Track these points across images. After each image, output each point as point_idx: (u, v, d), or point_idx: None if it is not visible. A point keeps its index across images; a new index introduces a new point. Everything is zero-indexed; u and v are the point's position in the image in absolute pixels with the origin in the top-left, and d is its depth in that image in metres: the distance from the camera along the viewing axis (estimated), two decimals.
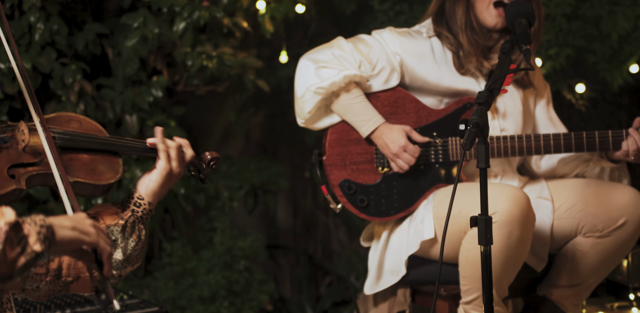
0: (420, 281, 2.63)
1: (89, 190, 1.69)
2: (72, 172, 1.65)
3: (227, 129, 3.89)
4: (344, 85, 2.55)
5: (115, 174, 1.72)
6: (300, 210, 4.05)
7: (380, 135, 2.58)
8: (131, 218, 1.74)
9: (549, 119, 2.77)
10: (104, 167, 1.71)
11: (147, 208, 1.76)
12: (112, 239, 1.71)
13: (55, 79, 3.10)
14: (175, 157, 1.76)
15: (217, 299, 3.34)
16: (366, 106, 2.58)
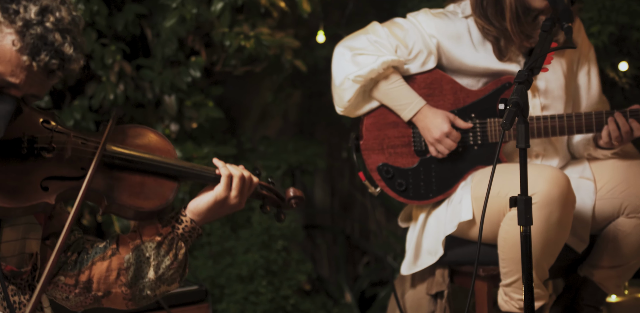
0: (458, 261, 2.63)
1: (130, 213, 1.61)
2: (112, 193, 1.57)
3: (265, 109, 3.90)
4: (382, 71, 2.54)
5: (163, 200, 1.62)
6: (337, 190, 4.06)
7: (423, 119, 2.56)
8: (170, 235, 1.66)
9: (588, 88, 2.70)
10: (152, 191, 1.62)
11: (189, 226, 1.67)
12: (145, 256, 1.64)
13: (96, 60, 3.12)
14: (236, 187, 1.68)
15: (256, 278, 3.37)
16: (406, 90, 2.56)
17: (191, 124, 3.34)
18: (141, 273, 1.66)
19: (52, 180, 1.50)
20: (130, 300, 1.70)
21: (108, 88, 3.13)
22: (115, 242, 1.67)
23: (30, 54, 1.47)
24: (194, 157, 3.27)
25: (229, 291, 3.35)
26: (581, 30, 2.69)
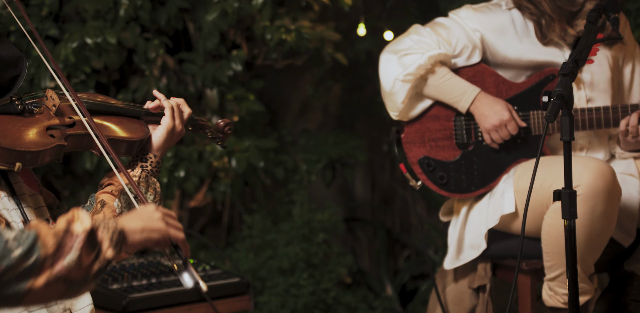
0: (501, 255, 2.61)
1: (124, 147, 1.79)
2: (104, 131, 1.75)
3: (305, 102, 3.91)
4: (430, 66, 2.52)
5: (144, 132, 1.82)
6: (378, 184, 4.05)
7: (480, 106, 2.53)
8: (143, 173, 1.81)
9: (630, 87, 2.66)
10: (131, 126, 1.82)
11: (154, 161, 1.83)
12: (133, 197, 1.76)
13: (139, 54, 3.16)
14: (177, 115, 1.85)
15: (297, 271, 3.39)
16: (458, 81, 2.55)
17: (232, 117, 3.36)
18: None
19: (52, 129, 1.68)
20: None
21: (151, 82, 3.16)
22: (97, 197, 1.80)
23: None
24: (236, 150, 3.29)
25: (270, 284, 3.37)
26: (627, 27, 2.65)
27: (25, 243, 1.30)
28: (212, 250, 3.40)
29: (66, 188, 3.30)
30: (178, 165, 3.25)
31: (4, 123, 1.61)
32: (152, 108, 1.85)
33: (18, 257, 1.28)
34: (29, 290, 1.30)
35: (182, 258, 1.50)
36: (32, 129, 1.64)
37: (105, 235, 1.38)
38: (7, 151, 1.56)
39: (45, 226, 1.35)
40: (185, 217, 3.46)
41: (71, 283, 1.33)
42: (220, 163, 3.28)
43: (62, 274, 1.32)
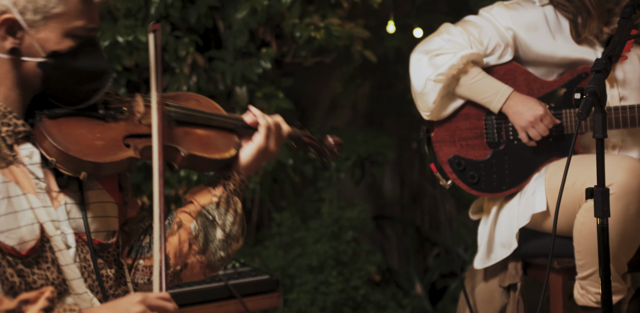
0: (532, 254, 2.59)
1: (203, 164, 1.69)
2: (187, 145, 1.67)
3: (334, 100, 3.91)
4: (463, 66, 2.51)
5: (233, 150, 1.71)
6: (407, 181, 4.04)
7: (514, 104, 2.51)
8: (224, 193, 1.71)
9: None
10: (218, 142, 1.71)
11: (238, 180, 1.73)
12: (210, 219, 1.69)
13: (170, 52, 3.18)
14: (273, 135, 1.74)
15: (326, 268, 3.39)
16: (490, 80, 2.53)
17: None
18: (210, 237, 1.70)
19: (130, 138, 1.61)
20: (207, 267, 1.73)
21: (181, 79, 3.18)
22: (175, 216, 1.72)
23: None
24: None
25: (299, 281, 3.37)
26: None
27: None
28: (242, 248, 3.41)
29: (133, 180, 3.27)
30: None
31: (81, 128, 1.57)
32: (250, 123, 1.73)
33: None
34: None
35: None
36: (109, 136, 1.58)
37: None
38: (73, 159, 1.52)
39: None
40: None
41: None
42: None
43: None
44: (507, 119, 2.57)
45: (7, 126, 1.52)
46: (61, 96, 1.57)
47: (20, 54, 1.52)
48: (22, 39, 1.51)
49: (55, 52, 1.53)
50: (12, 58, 1.52)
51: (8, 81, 1.53)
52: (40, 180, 1.54)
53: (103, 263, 1.61)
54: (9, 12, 1.49)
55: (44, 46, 1.52)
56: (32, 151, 1.54)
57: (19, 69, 1.53)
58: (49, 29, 1.51)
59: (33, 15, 1.50)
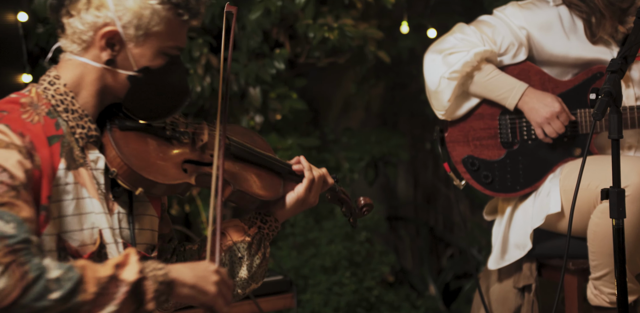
0: (547, 255, 2.58)
1: (247, 201, 1.71)
2: (237, 181, 1.68)
3: (348, 100, 3.90)
4: (477, 63, 2.50)
5: (276, 193, 1.72)
6: (420, 182, 4.04)
7: (529, 101, 2.50)
8: (257, 235, 1.73)
9: None
10: (266, 183, 1.73)
11: (273, 226, 1.75)
12: (238, 256, 1.71)
13: (184, 53, 3.19)
14: (316, 188, 1.77)
15: (339, 269, 3.39)
16: (504, 77, 2.52)
17: (275, 115, 3.37)
18: (233, 273, 1.72)
19: (189, 163, 1.63)
20: None
21: (195, 80, 3.19)
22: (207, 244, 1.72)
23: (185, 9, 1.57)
24: (278, 148, 3.31)
25: (312, 282, 3.37)
26: None
27: (65, 286, 1.29)
28: None
29: None
30: None
31: (147, 144, 1.60)
32: (296, 171, 1.76)
33: (54, 300, 1.28)
34: None
35: None
36: (171, 158, 1.61)
37: (152, 286, 1.36)
38: (134, 174, 1.55)
39: (92, 269, 1.33)
40: (228, 215, 3.49)
41: None
42: None
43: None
44: (522, 119, 2.56)
45: (82, 128, 1.56)
46: (138, 109, 1.61)
47: (114, 66, 1.57)
48: (119, 52, 1.56)
49: (146, 68, 1.58)
50: (105, 68, 1.57)
51: (92, 88, 1.58)
52: (101, 187, 1.56)
53: None
54: (113, 25, 1.55)
55: (137, 61, 1.57)
56: (98, 156, 1.57)
57: (107, 79, 1.58)
58: (146, 46, 1.56)
59: (135, 31, 1.55)
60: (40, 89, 1.56)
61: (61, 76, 1.57)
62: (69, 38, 1.57)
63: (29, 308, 1.27)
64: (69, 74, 1.57)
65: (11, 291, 1.26)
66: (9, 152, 1.41)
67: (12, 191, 1.37)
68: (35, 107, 1.53)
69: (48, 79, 1.57)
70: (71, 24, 1.55)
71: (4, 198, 1.36)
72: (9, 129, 1.45)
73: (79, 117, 1.56)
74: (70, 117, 1.55)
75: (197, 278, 1.43)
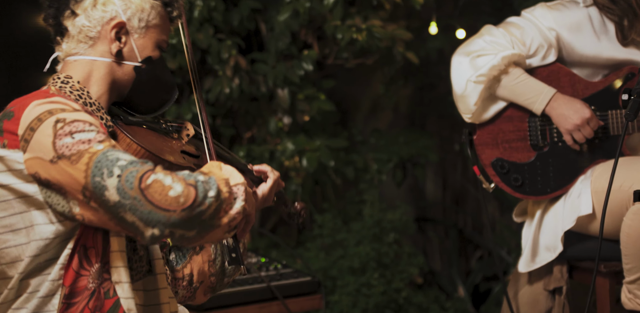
0: (578, 257, 2.56)
1: None
2: None
3: (376, 101, 3.90)
4: (504, 67, 2.48)
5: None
6: (449, 183, 4.02)
7: (558, 107, 2.48)
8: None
9: None
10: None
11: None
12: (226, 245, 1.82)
13: (212, 54, 3.20)
14: (276, 187, 1.87)
15: (367, 270, 3.39)
16: (532, 82, 2.50)
17: (303, 116, 3.37)
18: (224, 262, 1.86)
19: (184, 154, 1.75)
20: (212, 290, 1.87)
21: (224, 82, 3.20)
22: None
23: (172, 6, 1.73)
24: (306, 149, 3.31)
25: (341, 283, 3.37)
26: None
27: (212, 186, 1.45)
28: (284, 249, 3.43)
29: None
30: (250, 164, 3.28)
31: (150, 135, 1.71)
32: (257, 172, 1.87)
33: (212, 197, 1.44)
34: (217, 225, 1.45)
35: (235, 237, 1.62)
36: (171, 148, 1.73)
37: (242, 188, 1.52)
38: (152, 156, 1.64)
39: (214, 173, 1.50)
40: (257, 216, 3.50)
41: (235, 221, 1.48)
42: (291, 162, 3.30)
43: (235, 216, 1.48)
44: (552, 121, 2.54)
45: (101, 119, 1.65)
46: (139, 103, 1.73)
47: (122, 58, 1.68)
48: (125, 44, 1.67)
49: (149, 58, 1.69)
50: (113, 61, 1.67)
51: (104, 83, 1.67)
52: None
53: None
54: (119, 17, 1.66)
55: (141, 52, 1.69)
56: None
57: (115, 73, 1.68)
58: (147, 37, 1.69)
59: (138, 23, 1.67)
60: (56, 87, 1.64)
61: (72, 75, 1.65)
62: (75, 38, 1.66)
63: (202, 205, 1.42)
64: (78, 73, 1.66)
65: (189, 192, 1.41)
66: (80, 113, 1.53)
67: (108, 138, 1.50)
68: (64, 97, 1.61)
69: (59, 79, 1.65)
70: (76, 23, 1.65)
71: (111, 143, 1.49)
72: (65, 100, 1.56)
73: (97, 109, 1.65)
74: (90, 110, 1.63)
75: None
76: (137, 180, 1.40)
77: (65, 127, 1.48)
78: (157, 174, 1.42)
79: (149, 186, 1.40)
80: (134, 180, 1.40)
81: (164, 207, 1.39)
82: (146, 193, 1.39)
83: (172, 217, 1.39)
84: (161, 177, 1.41)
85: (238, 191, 1.50)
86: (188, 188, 1.41)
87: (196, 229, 1.43)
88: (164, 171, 1.44)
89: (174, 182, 1.41)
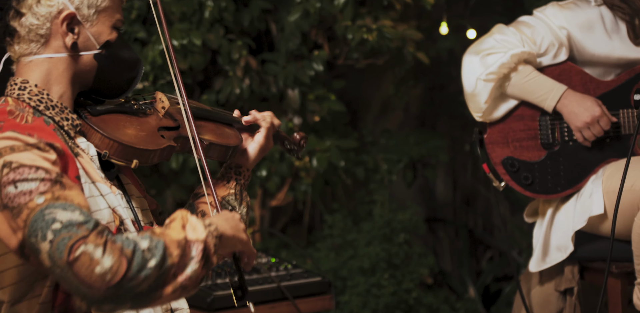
0: (589, 258, 2.55)
1: (221, 151, 1.81)
2: (205, 135, 1.78)
3: (386, 102, 3.90)
4: (514, 65, 2.48)
5: (239, 139, 1.83)
6: (460, 184, 4.01)
7: (568, 103, 2.47)
8: (237, 186, 1.83)
9: None
10: (227, 133, 1.85)
11: (247, 175, 1.86)
12: (229, 209, 1.80)
13: (223, 55, 3.20)
14: (272, 132, 1.87)
15: (378, 271, 3.38)
16: (543, 79, 2.49)
17: (313, 117, 3.37)
18: None
19: (162, 130, 1.72)
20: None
21: (234, 82, 3.21)
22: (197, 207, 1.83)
23: None
24: (317, 150, 3.31)
25: (351, 283, 3.37)
26: None
27: (157, 254, 1.35)
28: (294, 250, 3.43)
29: (152, 188, 3.37)
30: (260, 164, 3.29)
31: (121, 121, 1.66)
32: (246, 122, 1.86)
33: (152, 268, 1.34)
34: (158, 297, 1.37)
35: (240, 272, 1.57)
36: (146, 128, 1.69)
37: (212, 241, 1.43)
38: (127, 148, 1.61)
39: (165, 234, 1.40)
40: (266, 216, 3.50)
41: (186, 289, 1.39)
42: (301, 163, 3.30)
43: (185, 283, 1.38)
44: (562, 119, 2.54)
45: (67, 120, 1.60)
46: (107, 88, 1.67)
47: (78, 50, 1.61)
48: (79, 34, 1.61)
49: (107, 43, 1.63)
50: (70, 55, 1.61)
51: (64, 80, 1.61)
52: (99, 170, 1.62)
53: None
54: (67, 9, 1.59)
55: (98, 38, 1.62)
56: (87, 144, 1.62)
57: (75, 66, 1.62)
58: (101, 22, 1.62)
59: (88, 10, 1.61)
60: (14, 96, 1.59)
61: (28, 79, 1.59)
62: (25, 38, 1.59)
63: (136, 279, 1.34)
64: (35, 74, 1.60)
65: (119, 267, 1.32)
66: (30, 153, 1.45)
67: (55, 185, 1.42)
68: (21, 110, 1.55)
69: (16, 85, 1.59)
70: (24, 23, 1.58)
71: (55, 193, 1.40)
72: (16, 132, 1.48)
73: (60, 111, 1.59)
74: (53, 113, 1.58)
75: (233, 229, 1.51)
76: (66, 251, 1.32)
77: (10, 174, 1.40)
78: (87, 246, 1.32)
79: (77, 259, 1.31)
80: (63, 250, 1.32)
81: (89, 283, 1.31)
82: (74, 266, 1.31)
83: (97, 295, 1.32)
84: (91, 250, 1.32)
85: (194, 251, 1.40)
86: (120, 261, 1.32)
87: (129, 303, 1.35)
88: (98, 239, 1.33)
89: (104, 255, 1.32)
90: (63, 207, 1.38)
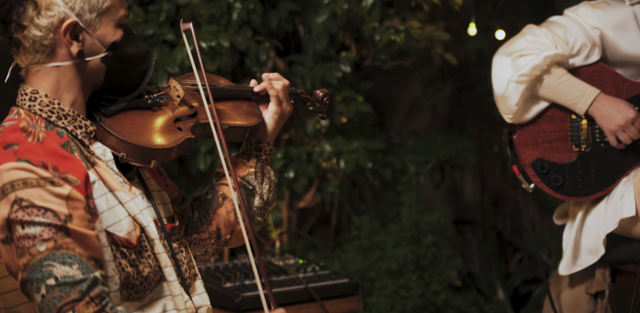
0: (621, 260, 2.52)
1: (241, 133, 1.78)
2: (224, 118, 1.75)
3: (414, 103, 3.89)
4: (546, 67, 2.45)
5: (259, 117, 1.80)
6: (488, 185, 3.99)
7: (601, 107, 2.45)
8: (258, 163, 1.81)
9: None
10: (245, 111, 1.81)
11: (267, 150, 1.83)
12: (249, 189, 1.79)
13: (251, 57, 3.21)
14: (284, 98, 1.82)
15: (405, 273, 3.37)
16: (576, 82, 2.47)
17: (341, 118, 3.37)
18: (250, 205, 1.81)
19: (178, 121, 1.70)
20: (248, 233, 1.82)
21: None
22: (218, 190, 1.82)
23: None
24: (344, 151, 3.31)
25: (379, 285, 3.36)
26: None
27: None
28: (321, 251, 3.43)
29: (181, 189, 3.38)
30: (288, 166, 3.29)
31: (136, 119, 1.65)
32: (259, 91, 1.83)
33: None
34: None
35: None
36: (162, 123, 1.67)
37: None
38: (143, 149, 1.60)
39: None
40: (294, 218, 3.50)
41: None
42: (328, 164, 3.30)
43: None
44: (594, 121, 2.51)
45: (80, 128, 1.59)
46: (119, 87, 1.65)
47: (85, 56, 1.60)
48: (84, 41, 1.59)
49: (113, 44, 1.61)
50: (77, 62, 1.59)
51: (74, 87, 1.60)
52: (118, 175, 1.62)
53: (177, 248, 1.69)
54: (68, 17, 1.57)
55: (103, 41, 1.60)
56: (104, 149, 1.61)
57: (84, 72, 1.61)
58: (104, 24, 1.60)
59: (90, 15, 1.58)
60: (25, 108, 1.58)
61: (38, 89, 1.58)
62: (30, 50, 1.57)
63: None
64: (44, 84, 1.58)
65: None
66: (42, 191, 1.45)
67: (60, 231, 1.43)
68: (33, 126, 1.55)
69: (27, 96, 1.58)
70: (27, 35, 1.55)
71: (58, 241, 1.42)
72: (30, 164, 1.47)
73: (72, 119, 1.58)
74: (66, 123, 1.57)
75: None
76: (54, 311, 1.38)
77: (19, 212, 1.43)
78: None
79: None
80: (52, 309, 1.38)
81: None
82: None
83: None
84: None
85: None
86: None
87: None
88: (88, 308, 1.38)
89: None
90: (62, 260, 1.41)
